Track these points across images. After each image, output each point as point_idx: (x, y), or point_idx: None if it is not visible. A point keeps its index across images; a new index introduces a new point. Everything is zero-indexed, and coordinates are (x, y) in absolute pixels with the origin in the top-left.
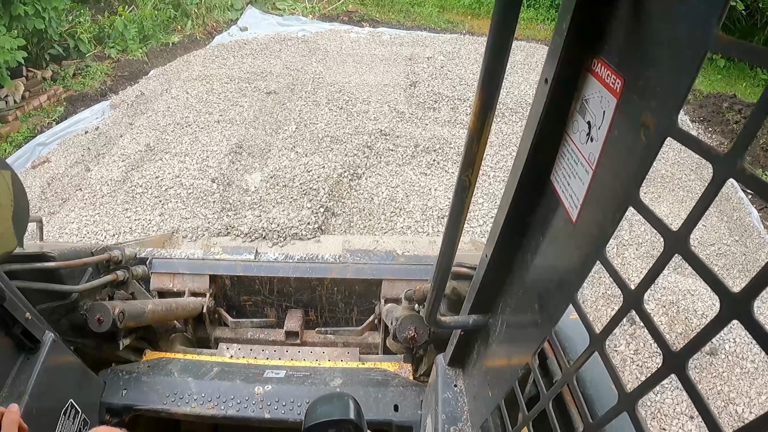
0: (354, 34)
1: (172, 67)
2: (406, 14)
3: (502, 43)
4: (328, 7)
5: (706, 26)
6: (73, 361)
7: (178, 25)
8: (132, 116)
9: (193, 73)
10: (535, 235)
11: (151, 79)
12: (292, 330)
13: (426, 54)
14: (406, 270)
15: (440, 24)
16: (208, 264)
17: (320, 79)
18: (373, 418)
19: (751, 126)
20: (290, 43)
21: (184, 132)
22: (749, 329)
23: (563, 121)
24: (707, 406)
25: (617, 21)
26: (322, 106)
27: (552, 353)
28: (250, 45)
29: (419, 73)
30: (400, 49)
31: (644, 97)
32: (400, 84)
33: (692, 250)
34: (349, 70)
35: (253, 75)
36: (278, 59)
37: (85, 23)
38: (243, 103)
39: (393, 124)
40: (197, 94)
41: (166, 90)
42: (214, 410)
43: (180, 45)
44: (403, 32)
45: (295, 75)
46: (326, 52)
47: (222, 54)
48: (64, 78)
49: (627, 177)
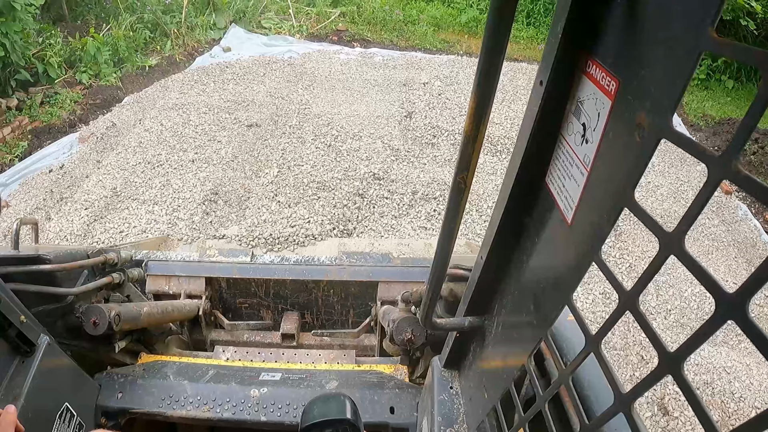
0: (344, 56)
1: (147, 94)
2: (399, 33)
3: (497, 43)
4: (316, 26)
5: (700, 27)
6: (69, 364)
7: (157, 45)
8: (101, 152)
9: (170, 101)
10: (530, 237)
11: (125, 107)
12: (288, 332)
13: (422, 78)
14: (402, 272)
15: (436, 44)
16: (203, 266)
17: (307, 109)
18: (369, 420)
19: (745, 127)
20: (275, 66)
21: (155, 173)
22: (744, 330)
23: (558, 123)
24: (703, 407)
25: (612, 22)
26: (308, 144)
27: (549, 354)
28: (232, 68)
29: (415, 101)
30: (394, 72)
31: (639, 98)
32: (394, 115)
33: (687, 251)
34: (339, 99)
35: (234, 104)
36: (262, 85)
37: (55, 45)
38: (221, 138)
39: (387, 165)
40: (172, 126)
41: (140, 120)
42: (209, 413)
43: (158, 68)
44: (397, 53)
45: (279, 104)
46: (314, 77)
47: (202, 79)
48: (31, 107)
49: (622, 178)
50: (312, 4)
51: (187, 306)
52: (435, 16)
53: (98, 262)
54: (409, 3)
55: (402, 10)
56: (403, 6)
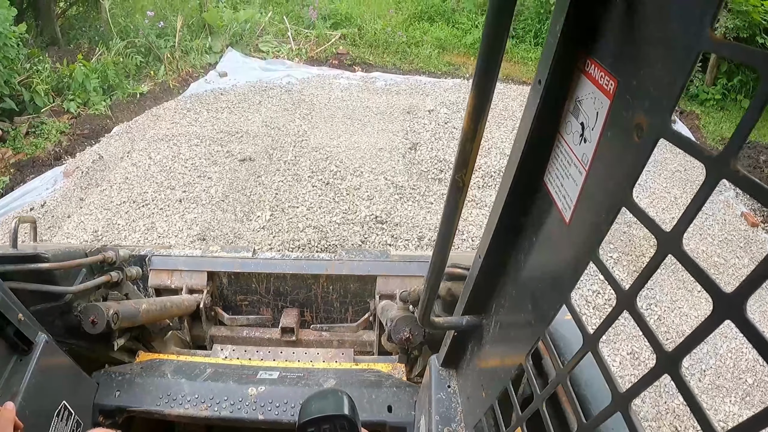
0: (344, 80)
1: (137, 123)
2: (403, 56)
3: (495, 42)
4: (315, 49)
5: (699, 27)
6: (67, 362)
7: (151, 70)
8: (85, 188)
9: (160, 131)
10: (528, 236)
11: (114, 137)
12: (287, 326)
13: (427, 105)
14: (400, 266)
15: (440, 67)
16: (206, 261)
17: (304, 141)
18: (367, 419)
19: (744, 126)
20: (272, 93)
21: (140, 214)
22: (742, 329)
23: (557, 122)
24: (700, 406)
25: (610, 22)
26: (304, 182)
27: (546, 353)
28: (227, 96)
29: (420, 131)
30: (397, 99)
31: (637, 97)
32: (397, 147)
33: (685, 251)
34: (338, 129)
35: (228, 135)
36: (257, 114)
37: (43, 72)
38: (212, 174)
39: (390, 206)
40: (161, 160)
41: (128, 153)
42: (207, 411)
43: (150, 95)
44: (400, 78)
45: (275, 135)
46: (312, 104)
47: (195, 107)
48: (15, 138)
49: (620, 178)
50: (311, 27)
51: (186, 301)
52: (439, 38)
53: (96, 261)
54: (412, 24)
55: (405, 31)
56: (405, 27)
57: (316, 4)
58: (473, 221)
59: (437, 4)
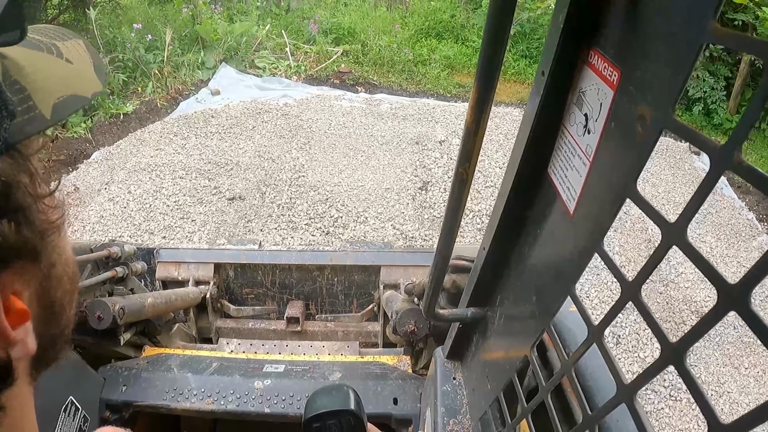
0: (346, 102)
1: (120, 148)
2: (409, 76)
3: (499, 32)
4: (315, 66)
5: (702, 19)
6: (73, 357)
7: (138, 86)
8: None
9: (143, 159)
10: (532, 228)
11: (92, 165)
12: (293, 316)
13: (437, 135)
14: (404, 257)
15: (450, 89)
16: (213, 253)
17: (301, 178)
18: (373, 411)
19: (748, 117)
20: (267, 117)
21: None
22: (747, 320)
23: (560, 114)
24: (705, 397)
25: (613, 12)
26: (300, 230)
27: (551, 345)
28: (218, 118)
29: (430, 166)
30: (404, 126)
31: (641, 88)
32: (406, 187)
33: (689, 242)
34: (340, 162)
35: (216, 166)
36: (250, 141)
37: None
38: (196, 216)
39: None
40: (141, 195)
41: (106, 184)
42: (213, 405)
43: (135, 116)
44: (406, 100)
45: (269, 168)
46: (311, 131)
47: (182, 131)
48: None
49: (624, 169)
50: (312, 41)
51: (191, 293)
52: (448, 56)
53: (102, 257)
54: (419, 41)
55: (411, 48)
56: (412, 44)
57: (317, 17)
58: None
59: (445, 20)
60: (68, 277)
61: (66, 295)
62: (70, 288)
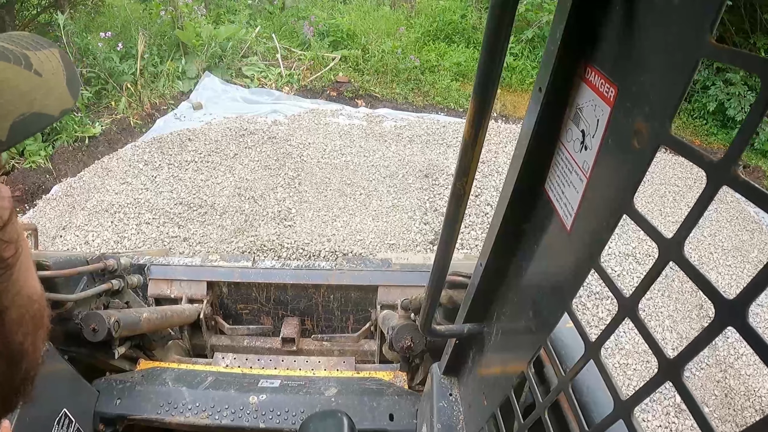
0: (344, 120)
1: (83, 181)
2: (416, 86)
3: (497, 45)
4: (310, 76)
5: (699, 33)
6: (67, 370)
7: (112, 101)
8: None
9: (106, 196)
10: (529, 244)
11: (50, 202)
12: (288, 336)
13: (449, 164)
14: (402, 276)
15: (461, 102)
16: (205, 270)
17: (288, 228)
18: (368, 427)
19: (745, 132)
20: (252, 140)
21: None
22: (744, 336)
23: (557, 130)
24: (703, 413)
25: (610, 29)
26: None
27: (548, 361)
28: (195, 142)
29: (443, 210)
30: (411, 151)
31: (637, 103)
32: (415, 240)
33: (686, 258)
34: (335, 204)
35: (188, 209)
36: (230, 174)
37: None
38: None
39: None
40: (99, 246)
41: (63, 229)
42: (208, 420)
43: (103, 138)
44: (413, 116)
45: (249, 212)
46: (301, 160)
47: (154, 158)
48: None
49: (621, 185)
50: (307, 46)
51: (187, 311)
52: (458, 63)
53: (98, 269)
54: (426, 45)
55: (417, 54)
56: (418, 48)
57: (312, 18)
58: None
59: (455, 21)
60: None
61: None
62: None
